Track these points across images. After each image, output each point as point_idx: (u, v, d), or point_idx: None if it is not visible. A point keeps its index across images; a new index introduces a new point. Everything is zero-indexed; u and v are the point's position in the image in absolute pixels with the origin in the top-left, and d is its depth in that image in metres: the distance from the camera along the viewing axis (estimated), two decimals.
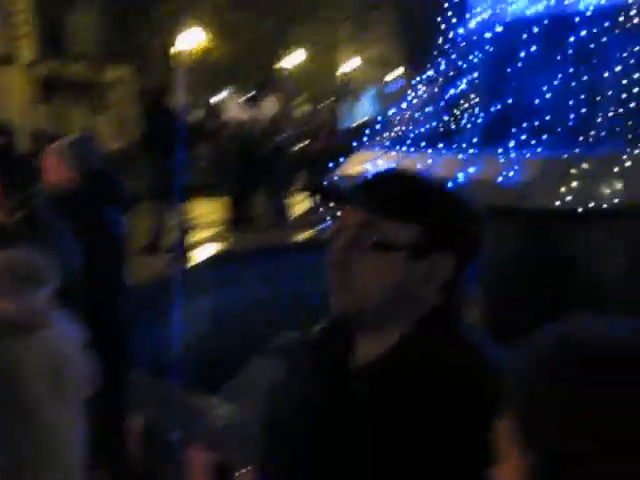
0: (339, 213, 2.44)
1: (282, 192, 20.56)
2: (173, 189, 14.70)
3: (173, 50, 32.97)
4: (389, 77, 46.99)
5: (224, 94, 42.09)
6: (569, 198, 9.09)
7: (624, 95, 10.22)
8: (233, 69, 38.61)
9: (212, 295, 13.27)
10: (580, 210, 8.84)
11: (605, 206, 9.08)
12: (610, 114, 10.31)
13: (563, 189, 9.22)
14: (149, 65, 34.12)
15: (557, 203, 8.97)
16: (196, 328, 11.39)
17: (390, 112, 13.52)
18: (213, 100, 41.32)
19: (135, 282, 10.71)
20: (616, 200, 9.16)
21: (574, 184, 9.23)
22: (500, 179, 9.57)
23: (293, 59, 41.17)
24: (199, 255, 15.06)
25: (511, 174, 9.59)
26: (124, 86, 40.95)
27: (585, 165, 9.43)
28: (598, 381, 1.46)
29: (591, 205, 8.84)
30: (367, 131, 13.24)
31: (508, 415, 1.56)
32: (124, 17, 32.65)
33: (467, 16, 12.93)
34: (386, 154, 11.21)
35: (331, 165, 13.08)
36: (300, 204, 21.59)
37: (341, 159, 12.55)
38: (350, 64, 45.05)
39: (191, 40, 32.71)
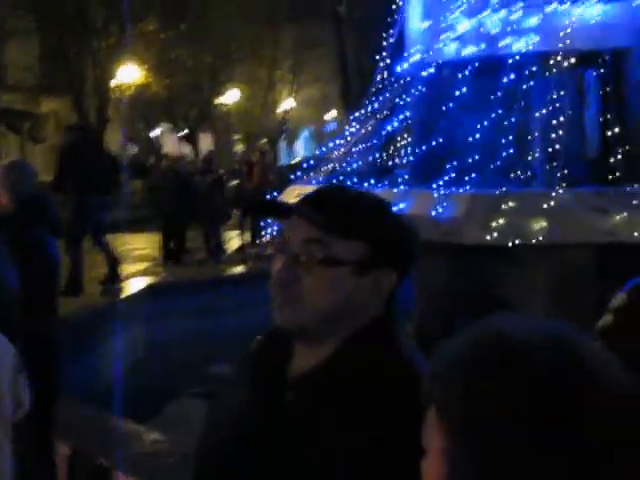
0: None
1: (218, 227, 20.59)
2: (98, 224, 14.66)
3: (111, 84, 32.82)
4: (326, 116, 47.34)
5: (160, 129, 42.06)
6: (496, 234, 9.18)
7: (552, 136, 10.48)
8: (170, 105, 38.56)
9: (145, 326, 13.17)
10: (508, 245, 8.95)
11: (533, 241, 9.23)
12: (537, 155, 10.63)
13: (492, 225, 9.39)
14: (85, 98, 33.83)
15: (487, 238, 9.06)
16: (128, 358, 11.34)
17: (325, 149, 13.62)
18: (151, 134, 41.23)
19: (68, 311, 10.61)
20: (542, 237, 9.30)
21: (501, 220, 9.40)
22: (431, 214, 9.69)
23: (230, 97, 41.16)
24: (132, 287, 14.85)
25: (441, 210, 9.72)
26: (59, 118, 40.66)
27: (512, 203, 9.62)
28: (507, 374, 1.45)
29: (517, 241, 8.94)
30: (303, 166, 13.33)
31: (430, 407, 1.55)
32: (62, 49, 32.35)
33: (405, 55, 13.07)
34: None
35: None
36: (234, 239, 21.61)
37: (276, 194, 12.67)
38: (287, 103, 45.25)
39: (129, 75, 32.50)
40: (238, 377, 2.60)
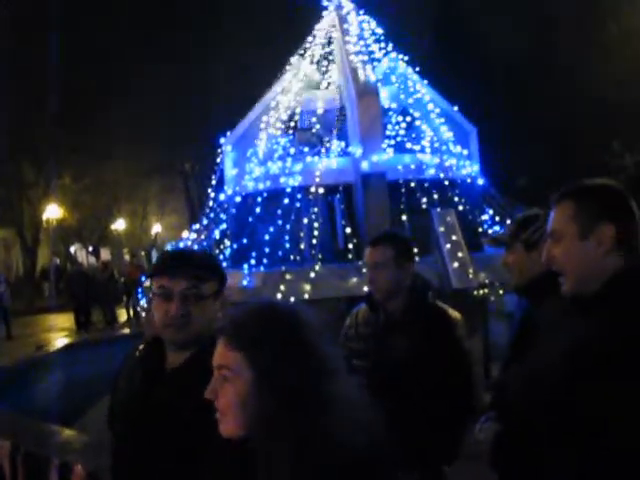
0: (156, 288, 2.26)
1: (112, 307, 20.27)
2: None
3: (42, 218, 32.43)
4: (182, 235, 46.64)
5: (74, 247, 41.02)
6: (281, 295, 9.47)
7: (314, 235, 10.79)
8: (80, 231, 37.82)
9: (65, 370, 12.63)
10: (289, 301, 9.23)
11: (305, 297, 9.52)
12: (304, 247, 11.01)
13: (280, 289, 9.69)
14: (24, 228, 33.13)
15: (278, 297, 9.24)
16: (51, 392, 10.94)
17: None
18: (71, 250, 40.28)
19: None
20: (309, 295, 9.67)
21: (283, 287, 9.77)
22: (242, 284, 9.94)
23: (119, 225, 40.80)
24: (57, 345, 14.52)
25: (247, 281, 9.98)
26: (8, 242, 39.30)
27: (289, 276, 10.00)
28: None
29: (293, 298, 9.03)
30: None
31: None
32: (9, 197, 31.94)
33: (224, 189, 13.26)
34: None
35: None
36: (123, 315, 21.23)
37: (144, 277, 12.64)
38: (156, 228, 45.00)
39: (53, 212, 32.27)
40: (129, 372, 2.46)
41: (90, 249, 40.36)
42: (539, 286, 2.71)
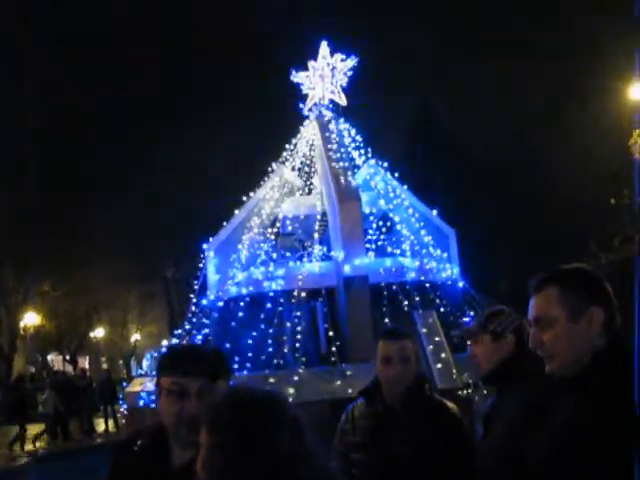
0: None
1: (90, 415, 19.90)
2: None
3: (19, 325, 32.09)
4: (162, 343, 46.18)
5: (52, 355, 40.46)
6: None
7: (297, 339, 10.85)
8: (59, 338, 37.44)
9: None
10: None
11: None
12: (287, 351, 11.07)
13: None
14: (1, 336, 32.74)
15: None
16: None
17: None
18: (48, 358, 39.62)
19: None
20: (293, 398, 9.51)
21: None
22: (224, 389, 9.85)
23: (98, 333, 40.50)
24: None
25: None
26: None
27: (273, 379, 10.00)
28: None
29: None
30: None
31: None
32: None
33: (207, 294, 13.43)
34: (152, 379, 11.18)
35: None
36: (101, 423, 20.77)
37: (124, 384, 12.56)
38: (135, 336, 44.62)
39: (30, 319, 32.08)
40: (125, 461, 2.37)
41: (67, 357, 39.77)
42: (505, 372, 2.89)
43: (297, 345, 10.83)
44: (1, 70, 32.31)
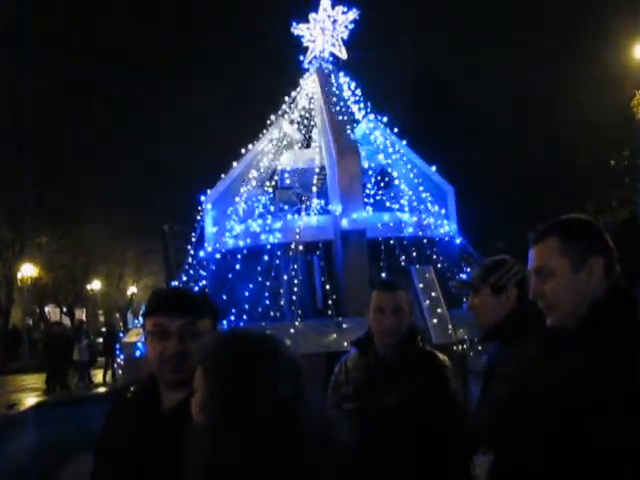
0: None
1: (89, 368, 20.13)
2: None
3: (17, 277, 32.10)
4: None
5: (48, 308, 40.58)
6: None
7: (294, 291, 10.91)
8: (55, 291, 37.54)
9: (37, 429, 12.43)
10: None
11: None
12: (283, 303, 11.14)
13: None
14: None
15: None
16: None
17: None
18: (45, 310, 39.75)
19: None
20: None
21: None
22: None
23: (95, 285, 40.61)
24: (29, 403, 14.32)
25: None
26: None
27: (268, 331, 9.94)
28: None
29: None
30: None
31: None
32: None
33: (204, 246, 13.39)
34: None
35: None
36: (99, 374, 21.02)
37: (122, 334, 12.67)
38: (132, 289, 44.78)
39: (28, 271, 32.06)
40: (121, 409, 2.38)
41: (64, 309, 39.95)
42: (508, 327, 2.83)
43: (294, 298, 10.84)
44: None
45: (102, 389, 17.70)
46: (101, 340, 24.56)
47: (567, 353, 2.01)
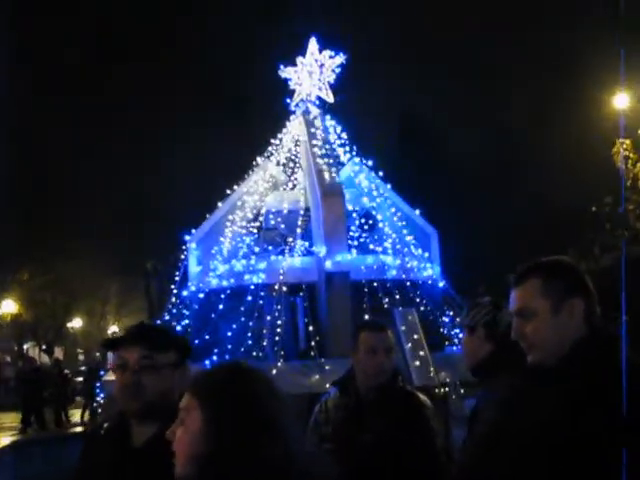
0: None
1: (66, 406, 19.76)
2: None
3: None
4: None
5: (27, 345, 40.09)
6: None
7: (277, 332, 10.98)
8: (35, 328, 37.16)
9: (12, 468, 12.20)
10: None
11: None
12: (266, 344, 11.11)
13: None
14: None
15: None
16: None
17: None
18: (24, 347, 39.23)
19: None
20: None
21: None
22: None
23: (75, 323, 40.19)
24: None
25: None
26: None
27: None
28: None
29: None
30: None
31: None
32: None
33: (188, 285, 13.42)
34: None
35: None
36: (76, 413, 20.63)
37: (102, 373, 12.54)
38: (114, 328, 44.35)
39: (7, 307, 31.80)
40: (95, 446, 2.41)
41: (44, 347, 39.46)
42: (485, 369, 2.86)
43: (277, 339, 10.89)
44: None
45: (79, 429, 17.40)
46: (80, 379, 24.26)
47: (545, 394, 2.03)
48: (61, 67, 34.94)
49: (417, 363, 9.74)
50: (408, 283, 12.11)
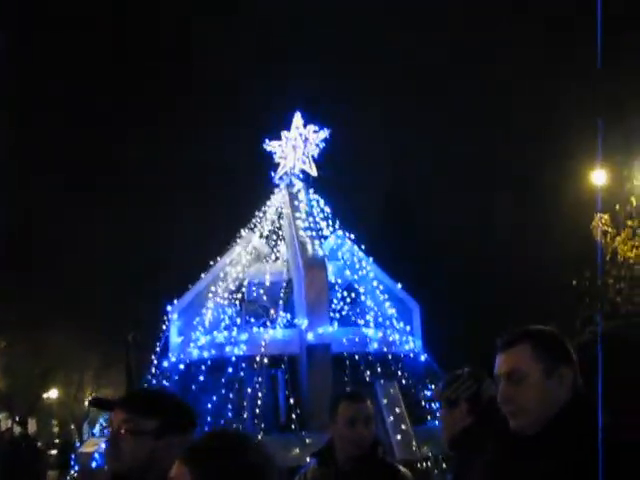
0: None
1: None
2: None
3: None
4: None
5: (1, 415, 38.97)
6: None
7: (257, 404, 10.87)
8: (10, 398, 36.23)
9: None
10: None
11: None
12: (247, 416, 10.96)
13: None
14: None
15: None
16: None
17: None
18: None
19: None
20: None
21: None
22: None
23: (52, 394, 39.32)
24: None
25: None
26: None
27: None
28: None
29: None
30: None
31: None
32: None
33: (169, 356, 13.30)
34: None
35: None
36: None
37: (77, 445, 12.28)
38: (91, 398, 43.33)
39: None
40: None
41: (17, 419, 38.40)
42: (464, 442, 2.90)
43: (257, 411, 10.82)
44: None
45: None
46: (54, 452, 23.58)
47: (528, 461, 2.03)
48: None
49: (399, 437, 9.72)
50: (390, 356, 12.14)
